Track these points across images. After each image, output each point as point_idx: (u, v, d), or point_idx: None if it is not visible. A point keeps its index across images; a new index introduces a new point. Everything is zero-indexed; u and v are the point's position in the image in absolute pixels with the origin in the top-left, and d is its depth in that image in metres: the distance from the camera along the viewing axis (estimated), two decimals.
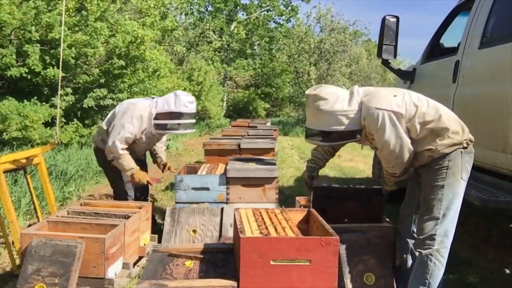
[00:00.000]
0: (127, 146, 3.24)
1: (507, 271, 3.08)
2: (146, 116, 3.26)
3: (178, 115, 3.23)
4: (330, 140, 2.43)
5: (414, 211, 2.58)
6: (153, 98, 3.40)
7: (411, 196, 2.62)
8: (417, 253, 2.39)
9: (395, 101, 2.28)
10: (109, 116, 3.42)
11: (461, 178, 2.29)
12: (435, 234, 2.27)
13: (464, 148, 2.30)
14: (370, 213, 2.86)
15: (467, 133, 2.35)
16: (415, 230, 2.54)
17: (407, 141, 2.27)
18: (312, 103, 2.40)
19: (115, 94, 8.04)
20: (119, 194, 3.52)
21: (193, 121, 3.36)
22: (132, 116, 3.20)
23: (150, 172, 3.75)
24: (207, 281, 2.05)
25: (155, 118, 3.26)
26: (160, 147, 3.80)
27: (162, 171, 3.79)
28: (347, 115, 2.34)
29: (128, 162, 3.24)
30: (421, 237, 2.34)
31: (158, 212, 4.16)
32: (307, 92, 2.47)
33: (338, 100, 2.36)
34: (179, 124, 3.26)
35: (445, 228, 2.27)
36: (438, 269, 2.28)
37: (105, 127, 3.37)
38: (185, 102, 3.25)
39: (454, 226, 2.30)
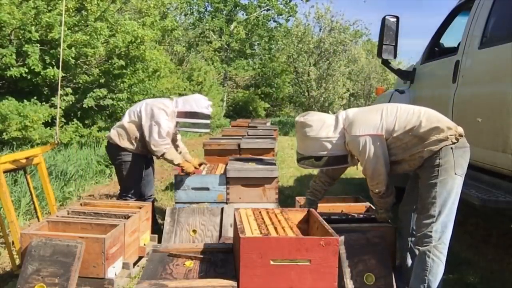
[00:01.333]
0: (170, 140, 3.48)
1: None
2: (173, 119, 3.51)
3: (198, 115, 3.53)
4: (319, 164, 2.60)
5: (413, 209, 2.62)
6: (172, 98, 3.65)
7: (410, 194, 2.67)
8: (416, 251, 2.43)
9: (372, 124, 2.44)
10: (130, 117, 3.51)
11: (455, 173, 2.32)
12: (431, 231, 2.31)
13: (454, 143, 2.34)
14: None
15: (453, 128, 2.38)
16: (415, 228, 2.57)
17: (384, 159, 2.42)
18: (300, 129, 2.60)
19: (115, 94, 8.04)
20: (126, 191, 3.57)
21: (209, 122, 3.68)
22: (166, 112, 3.43)
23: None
24: (207, 281, 2.05)
25: (177, 117, 3.53)
26: (182, 147, 3.95)
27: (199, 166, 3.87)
28: (331, 141, 2.52)
29: (175, 155, 3.48)
30: (418, 234, 2.39)
31: (158, 212, 4.16)
32: (296, 119, 2.67)
33: (323, 126, 2.54)
34: (198, 123, 3.55)
35: (441, 225, 2.31)
36: (437, 266, 2.31)
37: (125, 125, 3.48)
38: (206, 105, 3.58)
39: (451, 221, 2.34)
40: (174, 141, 3.76)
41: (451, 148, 2.33)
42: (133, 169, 3.50)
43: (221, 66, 22.09)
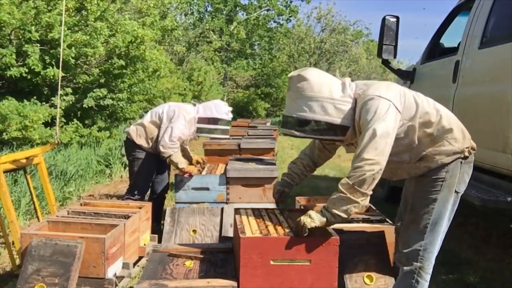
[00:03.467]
0: (179, 144, 3.52)
1: None
2: (193, 119, 3.60)
3: (218, 121, 3.65)
4: (307, 132, 2.06)
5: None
6: (194, 104, 3.77)
7: (406, 199, 2.35)
8: (399, 267, 2.18)
9: (396, 95, 2.01)
10: (152, 117, 3.61)
11: (455, 191, 2.08)
12: (419, 250, 2.07)
13: (466, 157, 2.08)
14: None
15: (468, 140, 2.10)
16: (399, 240, 2.30)
17: (392, 140, 1.94)
18: (294, 85, 2.05)
19: (115, 94, 8.03)
20: (132, 186, 3.64)
21: (229, 128, 3.81)
22: (185, 119, 3.52)
23: None
24: (207, 281, 2.05)
25: (198, 122, 3.63)
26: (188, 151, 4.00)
27: (197, 164, 3.92)
28: (335, 105, 2.00)
29: (180, 159, 3.51)
30: (404, 251, 2.12)
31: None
32: (290, 74, 2.12)
33: (325, 85, 2.02)
34: (218, 129, 3.67)
35: (431, 243, 2.07)
36: (421, 286, 2.09)
37: (146, 124, 3.56)
38: (226, 110, 3.70)
39: (441, 240, 2.12)
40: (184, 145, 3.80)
41: (461, 161, 2.06)
42: (144, 167, 3.57)
43: (221, 66, 22.10)
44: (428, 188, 2.07)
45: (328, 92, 2.01)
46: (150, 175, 3.65)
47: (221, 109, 3.66)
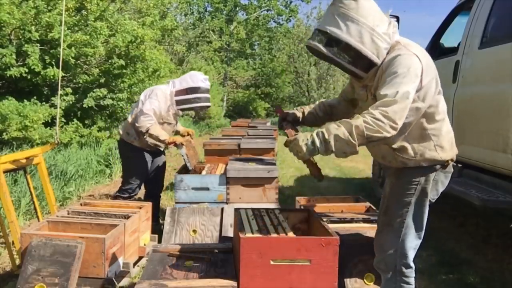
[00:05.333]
0: (154, 118, 3.46)
1: None
2: (168, 94, 3.55)
3: (196, 89, 3.53)
4: (334, 52, 1.89)
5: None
6: (168, 82, 3.70)
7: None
8: (380, 273, 2.14)
9: (429, 67, 1.90)
10: (133, 107, 3.67)
11: (430, 197, 2.02)
12: (395, 253, 2.03)
13: (445, 166, 2.01)
14: None
15: (454, 151, 2.04)
16: (374, 245, 2.22)
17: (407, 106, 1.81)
18: (338, 1, 1.87)
19: (115, 94, 8.03)
20: (123, 184, 3.66)
21: (209, 96, 3.65)
22: (157, 94, 3.50)
23: None
24: (207, 281, 2.05)
25: (176, 95, 3.55)
26: (182, 129, 4.03)
27: (186, 135, 3.94)
28: (373, 37, 1.85)
29: (160, 131, 3.45)
30: (381, 256, 2.09)
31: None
32: None
33: (373, 13, 1.87)
34: (198, 98, 3.55)
35: (406, 247, 2.02)
36: None
37: (129, 120, 3.58)
38: (202, 78, 3.57)
39: (415, 245, 2.05)
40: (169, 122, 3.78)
41: (438, 169, 2.00)
42: (136, 166, 3.59)
43: (221, 66, 22.10)
44: (402, 191, 2.01)
45: (372, 21, 1.86)
46: (142, 174, 3.64)
47: (197, 78, 3.58)
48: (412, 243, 2.04)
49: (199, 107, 3.64)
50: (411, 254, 2.05)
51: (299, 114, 2.34)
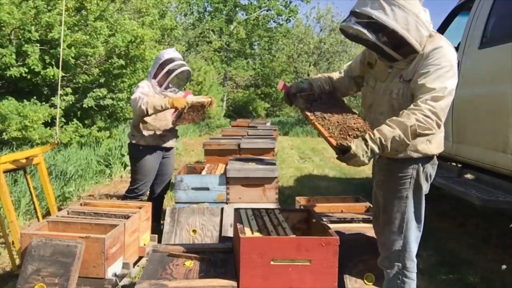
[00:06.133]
0: (146, 97, 3.42)
1: (504, 266, 3.04)
2: (150, 84, 3.53)
3: (167, 61, 3.49)
4: (379, 38, 1.84)
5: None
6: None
7: (378, 204, 2.25)
8: (383, 271, 2.17)
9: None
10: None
11: (423, 189, 2.06)
12: (399, 250, 2.06)
13: (431, 157, 2.06)
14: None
15: (441, 148, 2.09)
16: (378, 243, 2.27)
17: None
18: None
19: (115, 94, 8.03)
20: (131, 184, 3.64)
21: (184, 62, 3.60)
22: (138, 85, 3.53)
23: None
24: (207, 281, 2.05)
25: (154, 78, 3.53)
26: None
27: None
28: (418, 25, 1.83)
29: (157, 101, 3.37)
30: (385, 254, 2.12)
31: None
32: None
33: (417, 1, 1.86)
34: (173, 66, 3.48)
35: (409, 242, 2.06)
36: (408, 286, 2.09)
37: (131, 122, 3.67)
38: (166, 51, 3.58)
39: (417, 238, 2.09)
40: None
41: (426, 161, 2.03)
42: (141, 165, 3.57)
43: (221, 66, 22.10)
44: (397, 186, 2.04)
45: (417, 9, 1.84)
46: (148, 174, 3.61)
47: (162, 53, 3.57)
48: (414, 236, 2.07)
49: (179, 73, 3.53)
50: (415, 248, 2.08)
51: (306, 86, 2.23)
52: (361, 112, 2.27)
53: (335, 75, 2.34)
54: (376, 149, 1.77)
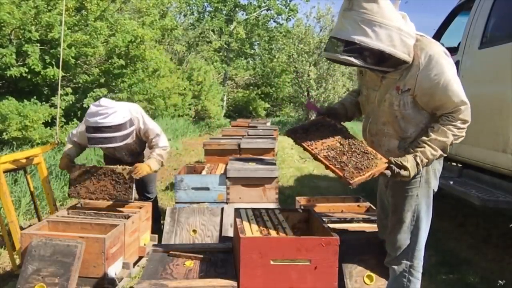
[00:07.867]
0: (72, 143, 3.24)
1: (501, 282, 3.02)
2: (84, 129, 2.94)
3: (90, 129, 2.78)
4: (368, 61, 1.85)
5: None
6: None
7: (384, 205, 2.33)
8: (390, 269, 2.20)
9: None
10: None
11: (433, 186, 2.09)
12: (408, 248, 2.10)
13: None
14: None
15: None
16: (386, 242, 2.28)
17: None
18: (359, 5, 1.78)
19: (115, 94, 8.04)
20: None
21: (115, 134, 2.77)
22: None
23: None
24: (207, 281, 2.05)
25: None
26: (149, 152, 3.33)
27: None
28: (401, 37, 1.81)
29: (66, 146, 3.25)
30: (394, 254, 2.15)
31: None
32: None
33: (394, 12, 1.82)
34: (95, 138, 2.76)
35: (418, 240, 2.10)
36: (413, 285, 2.12)
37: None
38: (91, 111, 2.77)
39: (426, 236, 2.13)
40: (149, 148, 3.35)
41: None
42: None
43: (221, 66, 22.09)
44: (406, 185, 2.06)
45: (396, 20, 1.81)
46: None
47: (87, 114, 2.79)
48: (424, 235, 2.11)
49: (105, 147, 2.88)
50: (423, 247, 2.12)
51: (342, 111, 2.31)
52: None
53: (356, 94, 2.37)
54: (421, 168, 1.95)
